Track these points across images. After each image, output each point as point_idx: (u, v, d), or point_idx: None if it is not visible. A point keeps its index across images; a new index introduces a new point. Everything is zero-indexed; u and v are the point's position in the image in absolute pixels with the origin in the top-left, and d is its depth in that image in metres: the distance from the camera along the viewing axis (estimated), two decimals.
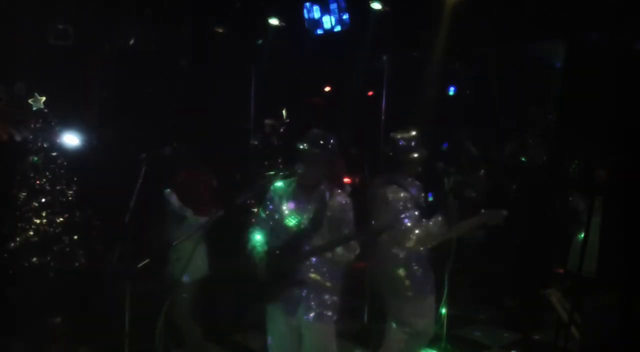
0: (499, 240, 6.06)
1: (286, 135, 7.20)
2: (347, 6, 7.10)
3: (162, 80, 7.47)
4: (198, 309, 4.14)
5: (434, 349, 4.95)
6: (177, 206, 3.98)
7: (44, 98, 5.12)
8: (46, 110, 5.14)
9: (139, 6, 7.27)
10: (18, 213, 4.97)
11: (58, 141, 5.21)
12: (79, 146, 5.44)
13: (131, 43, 7.22)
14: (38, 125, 5.15)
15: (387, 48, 7.19)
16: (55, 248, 5.01)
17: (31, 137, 5.22)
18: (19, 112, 5.82)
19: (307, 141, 3.22)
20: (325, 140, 3.23)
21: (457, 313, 6.02)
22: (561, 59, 6.48)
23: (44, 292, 4.80)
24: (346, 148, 5.70)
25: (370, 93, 8.01)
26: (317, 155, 3.19)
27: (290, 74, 8.34)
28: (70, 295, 4.88)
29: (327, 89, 9.01)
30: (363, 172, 5.19)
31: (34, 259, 4.92)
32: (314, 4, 7.33)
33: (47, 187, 5.07)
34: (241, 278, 5.60)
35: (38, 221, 5.00)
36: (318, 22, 7.38)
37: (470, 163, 6.58)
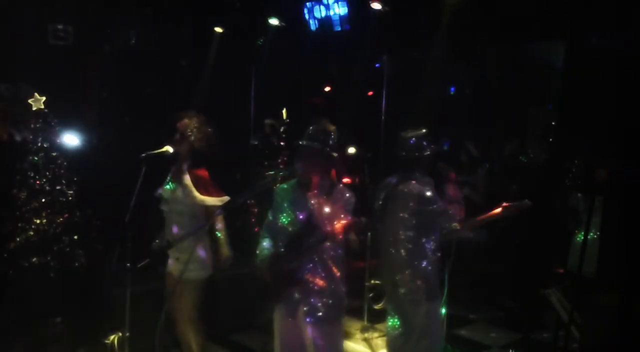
0: (499, 240, 6.06)
1: (286, 135, 7.21)
2: (347, 6, 7.10)
3: (162, 80, 7.47)
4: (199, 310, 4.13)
5: None
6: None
7: (44, 98, 5.12)
8: (46, 110, 5.14)
9: (139, 6, 7.27)
10: (18, 213, 4.96)
11: (58, 141, 5.21)
12: (79, 146, 5.43)
13: (131, 43, 7.22)
14: (38, 125, 5.14)
15: (387, 48, 7.20)
16: (55, 248, 5.01)
17: (31, 137, 5.21)
18: (20, 112, 5.82)
19: (307, 136, 3.19)
20: (325, 135, 3.19)
21: (457, 313, 6.02)
22: (561, 59, 6.47)
23: (44, 292, 4.80)
24: (346, 148, 5.70)
25: (370, 93, 8.01)
26: (317, 150, 3.15)
27: (290, 74, 8.34)
28: (70, 295, 4.87)
29: (327, 89, 9.01)
30: (363, 172, 5.19)
31: (34, 259, 4.92)
32: (314, 4, 7.33)
33: (47, 187, 5.07)
34: (242, 278, 5.64)
35: (38, 221, 4.99)
36: (318, 22, 7.38)
37: (470, 163, 6.59)
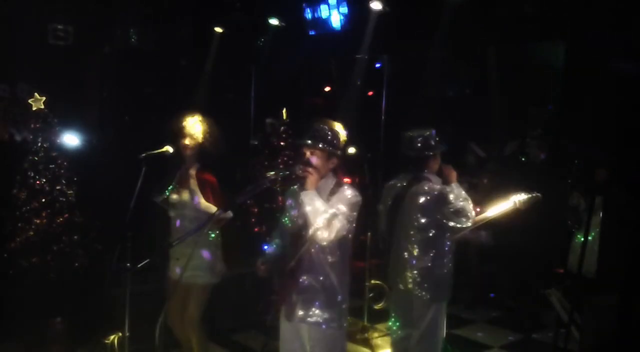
0: (499, 240, 6.05)
1: (286, 135, 7.21)
2: (347, 6, 7.09)
3: (162, 80, 7.47)
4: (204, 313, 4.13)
5: None
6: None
7: (44, 98, 5.12)
8: (46, 110, 5.14)
9: (139, 6, 7.27)
10: (18, 213, 4.97)
11: (58, 141, 5.21)
12: (79, 146, 5.43)
13: (131, 43, 7.22)
14: (38, 125, 5.15)
15: (387, 48, 7.19)
16: (55, 248, 5.01)
17: (31, 137, 5.21)
18: (20, 112, 5.82)
19: (307, 135, 3.14)
20: (324, 133, 3.11)
21: (457, 313, 6.03)
22: (561, 59, 6.47)
23: (44, 292, 4.80)
24: (346, 148, 5.69)
25: (370, 93, 8.01)
26: (317, 149, 3.08)
27: (290, 74, 8.33)
28: (70, 295, 4.87)
29: (327, 89, 9.01)
30: (363, 172, 5.19)
31: (34, 259, 4.92)
32: (314, 4, 7.32)
33: (47, 187, 5.07)
34: (243, 278, 5.63)
35: (38, 221, 4.99)
36: (318, 21, 7.37)
37: (477, 164, 6.58)
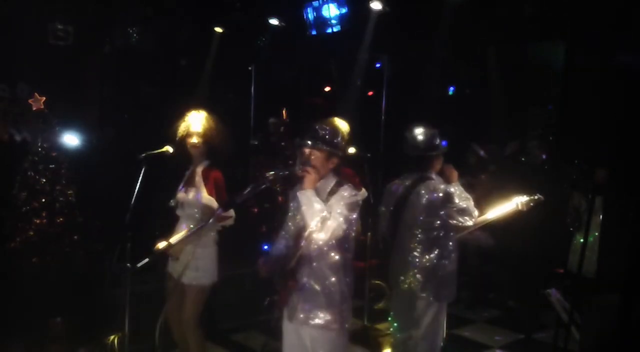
0: (499, 240, 6.05)
1: (286, 135, 7.21)
2: (347, 6, 7.09)
3: (162, 80, 7.48)
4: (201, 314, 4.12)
5: None
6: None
7: (44, 98, 5.12)
8: (46, 110, 5.14)
9: (139, 6, 7.27)
10: (18, 213, 4.97)
11: (58, 141, 5.21)
12: (79, 146, 5.44)
13: (131, 43, 7.22)
14: (38, 125, 5.15)
15: (387, 48, 7.20)
16: (55, 248, 5.01)
17: (31, 137, 5.22)
18: (20, 112, 5.83)
19: (306, 135, 3.08)
20: (324, 133, 3.05)
21: (457, 313, 6.02)
22: (561, 59, 6.47)
23: (44, 292, 4.80)
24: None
25: (370, 93, 8.01)
26: (315, 149, 3.03)
27: (290, 74, 8.34)
28: (70, 295, 4.87)
29: (327, 89, 9.01)
30: (363, 172, 5.18)
31: (34, 259, 4.92)
32: (314, 4, 7.33)
33: (47, 187, 5.07)
34: (243, 278, 5.64)
35: (38, 221, 4.99)
36: (318, 21, 7.37)
37: (478, 165, 6.56)
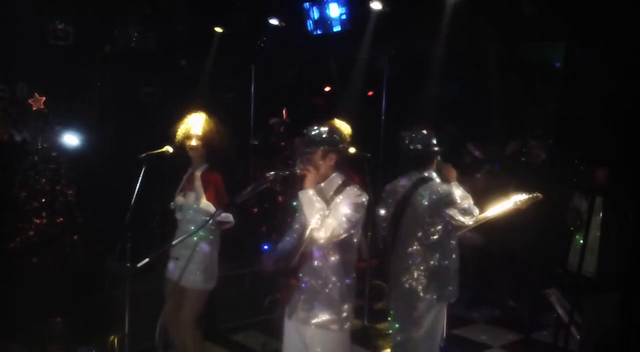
0: (499, 240, 6.05)
1: (286, 135, 7.21)
2: (347, 6, 7.09)
3: (162, 80, 7.47)
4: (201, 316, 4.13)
5: None
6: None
7: (44, 98, 5.12)
8: (46, 110, 5.14)
9: (139, 6, 7.27)
10: (18, 213, 4.97)
11: (58, 141, 5.21)
12: (79, 146, 5.44)
13: (131, 43, 7.22)
14: (38, 125, 5.15)
15: (387, 48, 7.19)
16: (55, 248, 5.02)
17: (31, 137, 5.22)
18: (20, 112, 5.82)
19: (301, 139, 3.07)
20: (318, 133, 3.02)
21: (457, 313, 6.02)
22: (561, 59, 6.47)
23: (44, 292, 4.80)
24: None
25: (370, 93, 8.00)
26: (316, 144, 3.01)
27: (290, 74, 8.34)
28: (70, 295, 4.88)
29: (327, 89, 9.01)
30: (363, 172, 5.18)
31: (34, 259, 4.92)
32: (314, 4, 7.32)
33: (47, 187, 5.07)
34: (243, 278, 5.63)
35: (38, 221, 5.00)
36: (318, 21, 7.37)
37: (473, 165, 6.57)
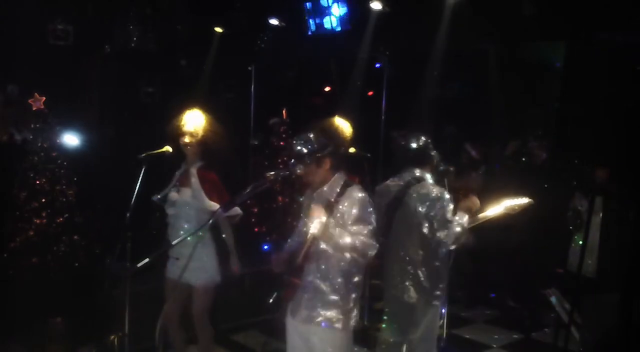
0: (500, 240, 6.05)
1: (286, 135, 7.21)
2: (347, 6, 7.09)
3: (162, 80, 7.48)
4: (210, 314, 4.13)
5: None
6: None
7: (44, 98, 5.12)
8: (46, 110, 5.14)
9: (139, 6, 7.27)
10: (18, 213, 4.97)
11: (58, 141, 5.21)
12: (79, 146, 5.44)
13: (131, 43, 7.22)
14: (38, 125, 5.15)
15: (387, 48, 7.19)
16: (55, 248, 5.02)
17: (31, 137, 5.22)
18: (20, 112, 5.82)
19: (297, 142, 3.14)
20: (300, 147, 3.09)
21: (457, 313, 6.03)
22: (561, 59, 6.47)
23: (44, 292, 4.80)
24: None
25: (370, 93, 8.00)
26: (304, 156, 3.08)
27: (290, 74, 8.34)
28: (70, 295, 4.88)
29: (327, 89, 9.01)
30: (363, 172, 5.17)
31: (34, 259, 4.92)
32: (314, 4, 7.33)
33: (47, 187, 5.07)
34: (243, 278, 5.63)
35: (38, 221, 5.00)
36: (318, 21, 7.37)
37: (470, 165, 6.58)
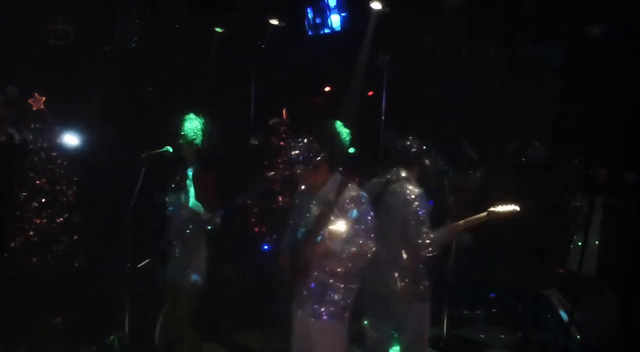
0: (500, 240, 6.05)
1: (286, 135, 7.20)
2: (347, 6, 7.10)
3: (162, 80, 7.48)
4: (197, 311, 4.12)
5: (434, 349, 4.95)
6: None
7: (44, 98, 5.12)
8: (46, 110, 5.14)
9: (139, 6, 7.27)
10: (18, 213, 4.98)
11: (58, 141, 5.21)
12: (79, 146, 5.44)
13: (131, 43, 7.22)
14: (38, 125, 5.15)
15: (387, 48, 7.19)
16: (55, 248, 5.02)
17: (31, 137, 5.22)
18: (20, 112, 5.83)
19: (291, 149, 3.19)
20: (295, 154, 3.15)
21: (457, 313, 6.02)
22: (561, 59, 6.47)
23: (44, 292, 4.80)
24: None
25: (370, 93, 8.00)
26: (300, 163, 3.15)
27: (290, 74, 8.34)
28: (70, 295, 4.88)
29: (327, 89, 9.00)
30: (363, 172, 5.18)
31: (34, 259, 4.92)
32: (314, 4, 7.33)
33: (47, 187, 5.08)
34: (243, 278, 5.64)
35: (38, 221, 5.00)
36: (318, 22, 7.37)
37: (468, 165, 6.59)
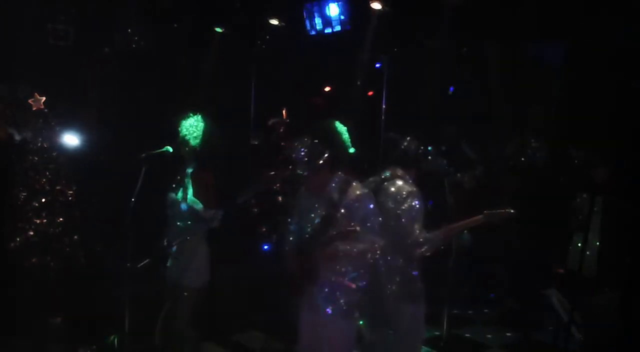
0: (500, 240, 6.06)
1: (286, 135, 7.20)
2: (347, 6, 7.10)
3: (162, 80, 7.47)
4: (197, 311, 4.12)
5: (434, 349, 4.95)
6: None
7: (44, 98, 5.12)
8: (46, 110, 5.14)
9: (139, 6, 7.27)
10: (18, 213, 4.97)
11: (58, 141, 5.21)
12: (79, 146, 5.44)
13: (131, 43, 7.22)
14: (38, 125, 5.15)
15: (387, 48, 7.19)
16: (55, 248, 5.02)
17: (31, 137, 5.22)
18: (19, 113, 5.82)
19: (294, 150, 3.19)
20: (302, 155, 3.16)
21: (457, 313, 6.02)
22: (561, 59, 6.47)
23: (44, 292, 4.80)
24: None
25: (370, 93, 8.00)
26: (302, 164, 3.16)
27: (290, 74, 8.34)
28: (70, 295, 4.88)
29: (327, 89, 9.00)
30: (363, 172, 5.18)
31: (34, 259, 4.92)
32: (314, 4, 7.33)
33: (47, 187, 5.08)
34: (243, 278, 5.64)
35: (38, 221, 5.00)
36: (318, 22, 7.37)
37: (467, 165, 6.58)
